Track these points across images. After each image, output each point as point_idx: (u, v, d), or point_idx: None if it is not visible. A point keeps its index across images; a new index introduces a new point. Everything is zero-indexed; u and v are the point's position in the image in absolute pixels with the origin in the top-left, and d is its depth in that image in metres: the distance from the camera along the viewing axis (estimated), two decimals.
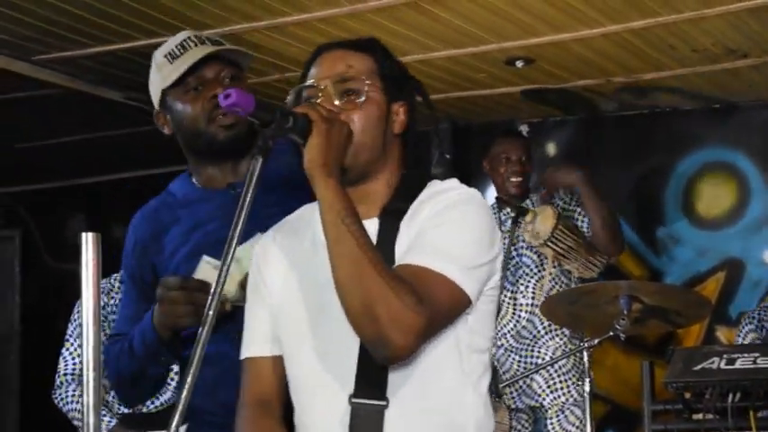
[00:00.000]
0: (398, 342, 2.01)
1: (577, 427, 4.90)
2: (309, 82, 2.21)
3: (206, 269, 2.51)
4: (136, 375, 2.64)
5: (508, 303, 5.05)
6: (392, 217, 2.17)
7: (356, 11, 4.51)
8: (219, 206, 2.61)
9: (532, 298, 5.02)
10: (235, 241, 1.98)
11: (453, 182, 2.24)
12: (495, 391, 4.51)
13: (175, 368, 4.64)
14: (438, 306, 2.05)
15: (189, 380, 1.91)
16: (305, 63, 2.29)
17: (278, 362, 2.26)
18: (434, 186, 2.24)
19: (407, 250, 2.10)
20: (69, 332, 4.88)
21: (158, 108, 2.72)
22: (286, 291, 2.24)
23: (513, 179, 5.11)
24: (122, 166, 7.56)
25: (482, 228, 2.16)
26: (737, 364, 4.07)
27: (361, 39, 2.32)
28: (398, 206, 2.20)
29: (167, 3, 4.42)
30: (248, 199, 2.00)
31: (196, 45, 2.65)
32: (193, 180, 2.74)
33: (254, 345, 2.29)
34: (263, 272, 2.29)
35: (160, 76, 2.68)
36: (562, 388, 4.95)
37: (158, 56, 2.70)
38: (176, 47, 2.66)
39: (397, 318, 1.99)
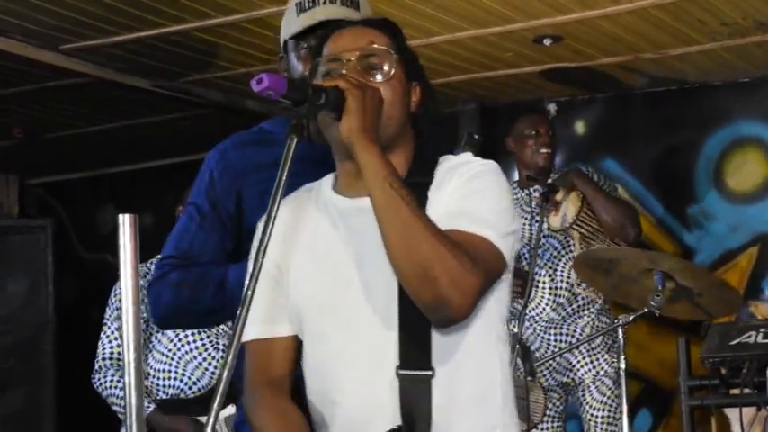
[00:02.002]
0: (458, 302, 2.01)
1: (609, 397, 4.89)
2: (331, 55, 2.20)
3: None
4: (215, 310, 2.55)
5: (536, 287, 5.03)
6: (417, 187, 2.16)
7: None
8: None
9: (560, 281, 5.01)
10: (272, 222, 1.98)
11: (469, 155, 2.25)
12: (530, 371, 4.51)
13: (213, 353, 4.72)
14: (488, 267, 2.07)
15: (229, 360, 1.89)
16: (318, 39, 2.28)
17: (289, 341, 2.23)
18: (452, 159, 2.25)
19: (443, 219, 2.10)
20: (107, 316, 4.88)
21: (281, 53, 2.67)
22: (303, 268, 2.22)
23: (543, 150, 5.08)
24: (151, 154, 7.58)
25: (509, 197, 2.20)
26: None
27: (376, 18, 2.31)
28: (419, 177, 2.20)
29: None
30: (284, 178, 1.99)
31: (325, 2, 2.57)
32: None
33: (263, 324, 2.22)
34: (274, 249, 2.17)
35: (286, 23, 2.63)
36: (592, 362, 4.95)
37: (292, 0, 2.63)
38: None
39: (456, 278, 1.99)
